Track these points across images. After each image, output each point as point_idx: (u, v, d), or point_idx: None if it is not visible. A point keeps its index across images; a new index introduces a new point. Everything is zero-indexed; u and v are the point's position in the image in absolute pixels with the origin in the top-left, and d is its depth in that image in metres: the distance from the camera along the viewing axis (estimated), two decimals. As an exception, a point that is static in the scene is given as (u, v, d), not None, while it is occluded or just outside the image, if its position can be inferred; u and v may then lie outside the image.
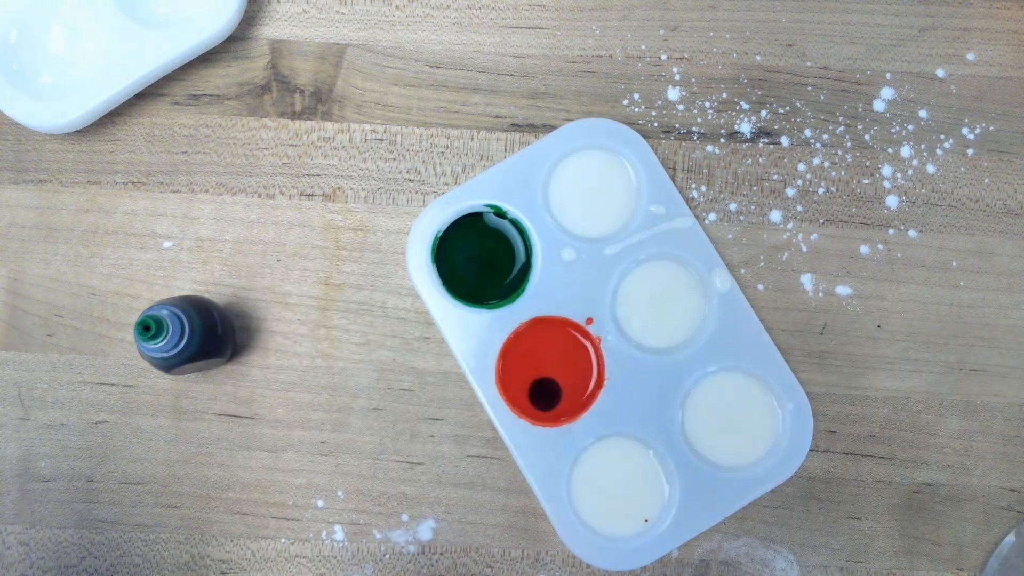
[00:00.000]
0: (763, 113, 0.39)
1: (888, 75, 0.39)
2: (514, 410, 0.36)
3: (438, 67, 0.39)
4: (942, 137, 0.39)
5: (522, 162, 0.37)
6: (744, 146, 0.39)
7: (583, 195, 0.38)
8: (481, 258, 0.38)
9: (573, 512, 0.36)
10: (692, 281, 0.37)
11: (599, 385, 0.36)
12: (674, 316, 0.37)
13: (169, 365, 0.33)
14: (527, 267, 0.37)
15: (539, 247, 0.37)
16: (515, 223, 0.37)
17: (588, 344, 0.37)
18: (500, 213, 0.37)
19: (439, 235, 0.37)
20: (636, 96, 0.39)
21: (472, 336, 0.36)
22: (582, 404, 0.36)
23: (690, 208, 0.38)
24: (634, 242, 0.37)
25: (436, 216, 0.37)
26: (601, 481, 0.36)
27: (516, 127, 0.39)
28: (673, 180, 0.38)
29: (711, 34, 0.39)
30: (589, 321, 0.37)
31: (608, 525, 0.36)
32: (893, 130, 0.39)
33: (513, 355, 0.37)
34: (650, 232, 0.37)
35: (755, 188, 0.38)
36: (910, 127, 0.39)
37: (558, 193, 0.38)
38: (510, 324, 0.37)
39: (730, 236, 0.38)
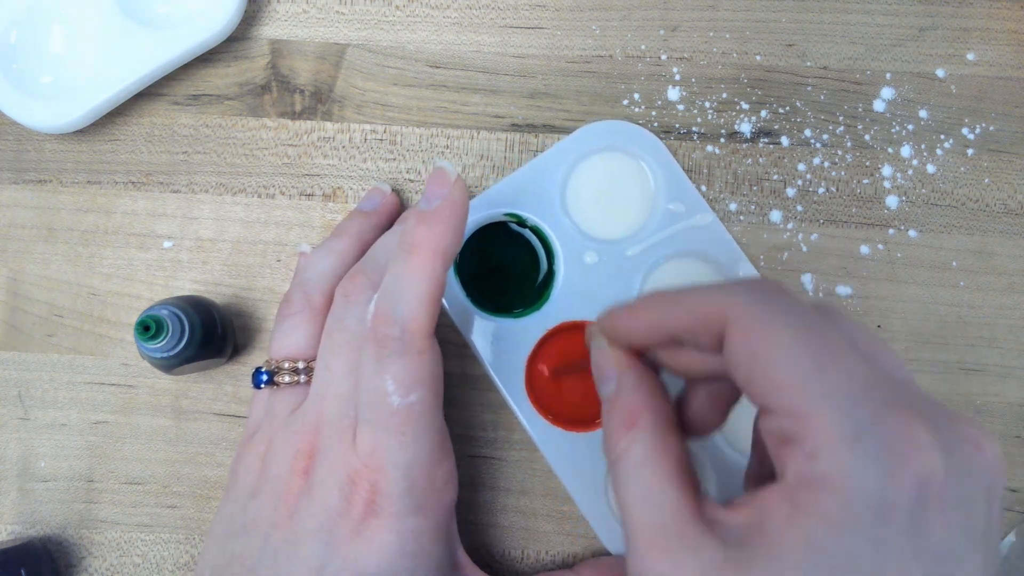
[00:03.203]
0: (763, 113, 0.39)
1: (888, 75, 0.39)
2: (547, 417, 0.36)
3: (438, 67, 0.39)
4: (942, 137, 0.39)
5: (538, 169, 0.37)
6: (744, 146, 0.39)
7: (601, 198, 0.37)
8: (504, 268, 0.37)
9: (612, 515, 0.35)
10: (716, 276, 0.37)
11: None
12: None
13: (169, 365, 0.33)
14: (550, 274, 0.37)
15: (561, 253, 0.37)
16: (535, 230, 0.37)
17: None
18: (520, 221, 0.37)
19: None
20: (636, 96, 0.39)
21: (497, 345, 0.36)
22: None
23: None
24: (655, 241, 0.37)
25: None
26: None
27: (516, 127, 0.39)
28: (673, 180, 0.38)
29: (711, 34, 0.39)
30: None
31: None
32: (893, 130, 0.39)
33: (541, 363, 0.36)
34: (671, 230, 0.37)
35: (755, 188, 0.38)
36: (910, 127, 0.39)
37: (576, 197, 0.37)
38: (536, 331, 0.36)
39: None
